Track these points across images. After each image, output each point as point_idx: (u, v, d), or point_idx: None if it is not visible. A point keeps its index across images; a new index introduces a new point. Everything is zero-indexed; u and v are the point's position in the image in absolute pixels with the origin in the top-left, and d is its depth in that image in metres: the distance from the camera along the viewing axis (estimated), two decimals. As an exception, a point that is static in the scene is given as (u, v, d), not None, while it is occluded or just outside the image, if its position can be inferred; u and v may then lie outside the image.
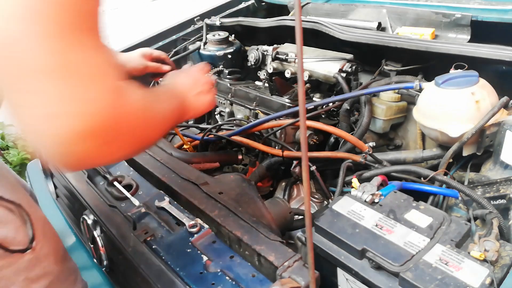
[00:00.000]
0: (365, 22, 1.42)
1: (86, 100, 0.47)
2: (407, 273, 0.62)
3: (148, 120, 0.62)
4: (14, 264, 0.74)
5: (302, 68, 0.41)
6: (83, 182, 1.03)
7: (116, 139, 0.52)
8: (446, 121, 0.94)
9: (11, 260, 0.74)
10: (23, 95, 0.46)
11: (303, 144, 0.44)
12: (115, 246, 0.87)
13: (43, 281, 0.79)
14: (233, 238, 0.77)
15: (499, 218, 0.74)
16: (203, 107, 0.91)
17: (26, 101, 0.46)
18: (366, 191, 0.78)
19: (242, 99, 1.42)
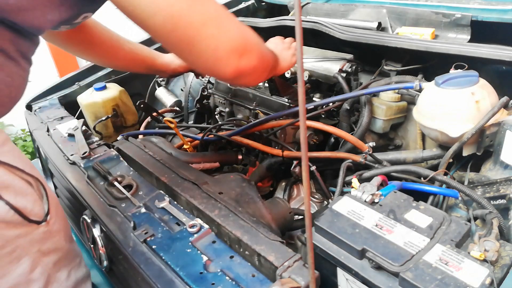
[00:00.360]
0: (365, 22, 1.42)
1: (230, 30, 0.78)
2: (407, 273, 0.61)
3: (263, 50, 0.89)
4: (30, 234, 0.79)
5: (302, 68, 0.42)
6: (83, 182, 1.03)
7: (254, 57, 0.81)
8: (446, 121, 0.94)
9: (28, 229, 0.78)
10: (195, 44, 0.75)
11: (303, 144, 0.45)
12: (115, 246, 0.87)
13: (53, 256, 0.84)
14: (233, 238, 0.77)
15: (499, 218, 0.74)
16: (289, 63, 1.13)
17: (199, 47, 0.75)
18: (366, 191, 0.78)
19: (242, 99, 1.42)
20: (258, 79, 0.94)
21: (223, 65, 0.79)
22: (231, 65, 0.79)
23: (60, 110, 1.47)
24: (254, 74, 0.87)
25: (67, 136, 1.25)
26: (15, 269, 0.78)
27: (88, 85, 1.69)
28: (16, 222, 0.75)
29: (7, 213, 0.74)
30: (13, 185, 0.75)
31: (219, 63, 0.78)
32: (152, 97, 1.89)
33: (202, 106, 1.67)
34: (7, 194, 0.74)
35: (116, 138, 1.41)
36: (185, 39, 0.75)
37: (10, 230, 0.75)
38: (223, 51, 0.77)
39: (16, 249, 0.77)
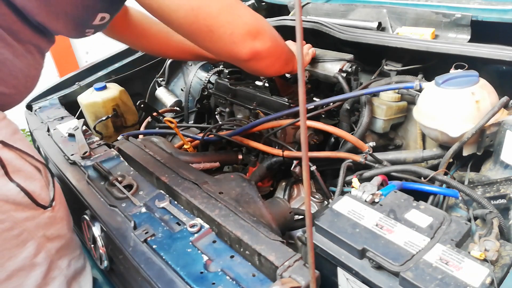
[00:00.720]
0: (365, 22, 1.42)
1: (245, 15, 0.89)
2: (407, 273, 0.61)
3: (276, 36, 0.99)
4: (37, 218, 0.83)
5: (303, 68, 0.42)
6: (84, 182, 1.03)
7: (262, 36, 0.91)
8: (446, 121, 0.94)
9: (35, 213, 0.82)
10: (214, 32, 0.86)
11: (304, 144, 0.44)
12: (116, 246, 0.87)
13: (56, 242, 0.88)
14: (234, 237, 0.77)
15: (499, 218, 0.74)
16: (304, 59, 1.26)
17: (218, 33, 0.86)
18: (366, 191, 0.78)
19: (242, 99, 1.42)
20: (274, 64, 1.02)
21: (240, 48, 0.89)
22: (247, 47, 0.90)
23: (60, 110, 1.47)
24: (270, 58, 0.97)
25: (68, 136, 1.25)
26: (21, 252, 0.81)
27: (88, 85, 1.69)
28: (25, 204, 0.79)
29: (18, 195, 0.77)
30: (23, 169, 0.79)
31: (235, 46, 0.89)
32: (152, 97, 1.89)
33: (202, 106, 1.67)
34: (18, 177, 0.78)
35: (116, 138, 1.41)
36: (204, 28, 0.85)
37: (19, 212, 0.79)
38: (238, 35, 0.88)
39: (23, 232, 0.80)
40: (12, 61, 0.81)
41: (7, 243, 0.79)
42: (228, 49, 0.90)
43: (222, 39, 0.87)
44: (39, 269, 0.85)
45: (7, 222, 0.77)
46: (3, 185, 0.76)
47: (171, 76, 1.96)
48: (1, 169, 0.75)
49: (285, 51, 1.05)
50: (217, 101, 1.55)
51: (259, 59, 0.94)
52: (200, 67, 1.79)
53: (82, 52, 4.33)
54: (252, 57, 0.92)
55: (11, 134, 0.79)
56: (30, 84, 0.89)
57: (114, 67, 1.79)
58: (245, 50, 0.90)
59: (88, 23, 0.90)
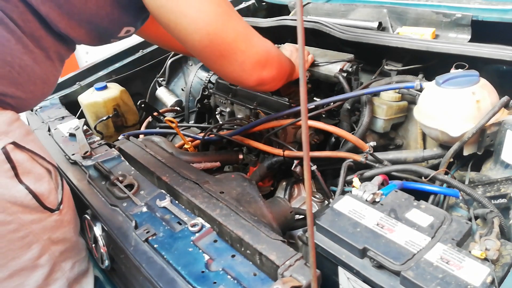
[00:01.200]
0: (365, 22, 1.43)
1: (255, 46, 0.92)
2: (408, 272, 0.62)
3: (282, 60, 1.04)
4: (43, 221, 0.83)
5: (304, 68, 0.42)
6: (85, 181, 1.03)
7: (274, 68, 0.97)
8: (447, 120, 0.94)
9: (42, 216, 0.82)
10: (226, 57, 0.89)
11: (305, 143, 0.45)
12: (117, 245, 0.87)
13: (61, 245, 0.88)
14: (235, 237, 0.77)
15: (500, 217, 0.74)
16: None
17: (229, 60, 0.89)
18: (367, 190, 0.78)
19: (242, 98, 1.42)
20: (277, 85, 1.07)
21: (248, 76, 0.93)
22: (254, 75, 0.94)
23: (61, 110, 1.47)
24: (274, 82, 1.01)
25: (68, 136, 1.25)
26: (25, 254, 0.82)
27: (88, 85, 1.69)
28: (32, 207, 0.79)
29: (26, 197, 0.78)
30: (34, 171, 0.80)
31: (244, 73, 0.93)
32: (153, 97, 1.89)
33: (203, 106, 1.67)
34: (28, 179, 0.78)
35: (117, 138, 1.41)
36: (217, 53, 0.87)
37: (26, 215, 0.79)
38: (249, 64, 0.91)
39: (28, 235, 0.81)
40: (32, 67, 0.81)
41: (11, 245, 0.79)
42: (236, 75, 0.94)
43: (232, 65, 0.90)
44: (41, 271, 0.85)
45: (14, 224, 0.78)
46: (12, 186, 0.76)
47: (172, 76, 1.96)
48: (11, 171, 0.76)
49: (288, 71, 1.09)
50: (217, 101, 1.55)
51: (265, 84, 0.98)
52: (201, 67, 1.79)
53: (82, 52, 4.34)
54: (258, 84, 0.96)
55: (24, 135, 0.80)
56: (47, 91, 0.90)
57: (115, 67, 1.79)
58: (252, 78, 0.94)
59: (113, 35, 0.92)
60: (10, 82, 0.78)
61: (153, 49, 1.89)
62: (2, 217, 0.76)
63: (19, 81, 0.80)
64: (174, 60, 1.86)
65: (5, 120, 0.77)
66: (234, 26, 0.87)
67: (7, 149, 0.75)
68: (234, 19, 0.88)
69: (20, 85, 0.81)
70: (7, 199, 0.75)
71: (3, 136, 0.75)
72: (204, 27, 0.83)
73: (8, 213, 0.76)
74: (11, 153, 0.75)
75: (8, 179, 0.75)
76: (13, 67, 0.78)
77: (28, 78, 0.81)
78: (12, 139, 0.76)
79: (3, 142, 0.75)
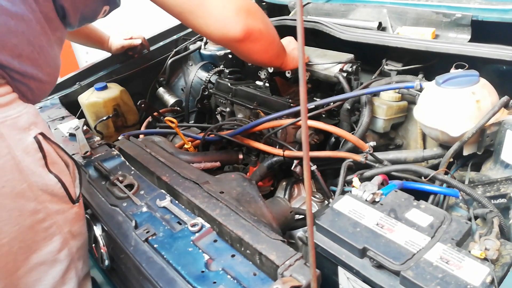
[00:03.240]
0: (365, 22, 1.42)
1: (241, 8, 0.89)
2: (408, 272, 0.62)
3: (272, 28, 1.01)
4: (66, 212, 0.84)
5: (304, 67, 0.42)
6: (85, 181, 1.03)
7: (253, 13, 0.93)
8: (447, 120, 0.94)
9: (65, 207, 0.84)
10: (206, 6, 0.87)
11: (305, 143, 0.45)
12: (117, 245, 0.87)
13: (78, 240, 0.89)
14: (234, 237, 0.77)
15: (499, 217, 0.75)
16: (293, 60, 1.25)
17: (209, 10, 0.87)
18: (367, 190, 0.78)
19: (242, 98, 1.42)
20: (267, 50, 1.03)
21: (232, 23, 0.89)
22: (240, 22, 0.89)
23: (61, 110, 1.47)
24: (263, 41, 0.97)
25: (68, 136, 1.25)
26: (47, 246, 0.82)
27: (89, 84, 1.69)
28: (60, 196, 0.81)
29: (55, 186, 0.80)
30: (57, 162, 0.82)
31: (228, 21, 0.88)
32: (153, 97, 1.89)
33: (203, 106, 1.67)
34: (54, 169, 0.80)
35: (117, 138, 1.41)
36: (196, 2, 0.85)
37: (52, 204, 0.80)
38: (230, 10, 0.87)
39: (52, 225, 0.82)
40: (47, 49, 0.84)
41: (36, 236, 0.80)
42: (220, 25, 0.89)
43: (213, 14, 0.87)
44: (59, 266, 0.86)
45: (42, 213, 0.79)
46: (44, 175, 0.78)
47: (172, 76, 1.96)
48: (42, 160, 0.77)
49: (277, 40, 1.06)
50: (217, 101, 1.55)
51: (253, 40, 0.93)
52: (201, 67, 1.80)
53: (82, 52, 4.34)
54: (245, 36, 0.91)
55: (48, 128, 0.82)
56: (57, 75, 0.92)
57: (115, 67, 1.79)
58: (238, 26, 0.90)
59: (95, 17, 0.95)
60: (33, 63, 0.80)
61: (153, 49, 1.89)
62: (33, 205, 0.77)
63: (39, 62, 0.82)
64: (174, 60, 1.86)
65: (33, 112, 0.79)
66: None
67: (38, 138, 0.77)
68: None
69: (40, 66, 0.82)
70: (40, 187, 0.77)
71: (33, 126, 0.77)
72: None
73: (38, 201, 0.78)
74: (42, 142, 0.77)
75: (41, 168, 0.77)
76: (34, 47, 0.80)
77: (45, 59, 0.84)
78: (40, 129, 0.78)
79: (35, 131, 0.77)
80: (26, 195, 0.75)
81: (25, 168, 0.74)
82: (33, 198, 0.77)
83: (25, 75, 0.79)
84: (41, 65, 0.82)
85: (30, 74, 0.80)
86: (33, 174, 0.76)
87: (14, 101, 0.76)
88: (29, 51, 0.78)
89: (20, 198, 0.75)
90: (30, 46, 0.79)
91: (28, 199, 0.76)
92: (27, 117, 0.76)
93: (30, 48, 0.79)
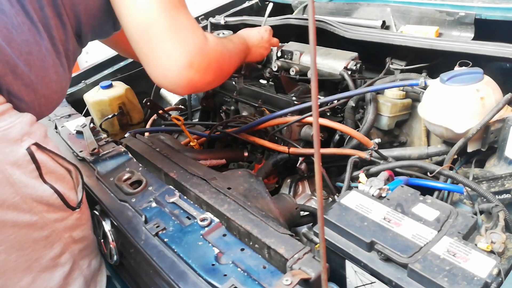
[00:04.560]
0: (369, 21, 1.44)
1: (189, 44, 0.81)
2: (415, 264, 0.63)
3: (225, 56, 0.93)
4: (65, 219, 0.84)
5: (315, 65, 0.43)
6: (93, 178, 1.05)
7: (208, 69, 0.84)
8: (451, 117, 0.95)
9: (64, 215, 0.83)
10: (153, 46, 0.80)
11: (316, 138, 0.45)
12: (126, 240, 0.88)
13: (80, 244, 0.89)
14: (243, 231, 0.78)
15: (505, 211, 0.76)
16: (258, 58, 1.29)
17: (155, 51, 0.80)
18: (373, 186, 0.79)
19: (247, 97, 1.43)
20: (222, 74, 0.96)
21: (174, 78, 0.81)
22: (183, 80, 0.82)
23: (67, 108, 1.48)
24: (213, 84, 0.91)
25: (75, 133, 1.26)
26: (47, 254, 0.82)
27: (94, 83, 1.71)
28: (56, 205, 0.81)
29: (51, 197, 0.79)
30: (55, 171, 0.81)
31: (170, 74, 0.81)
32: (157, 95, 1.90)
33: (207, 104, 1.68)
34: (51, 179, 0.79)
35: (122, 136, 1.42)
36: (148, 40, 0.80)
37: (50, 214, 0.80)
38: (176, 63, 0.80)
39: (51, 234, 0.82)
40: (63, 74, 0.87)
41: (36, 245, 0.80)
42: (161, 75, 0.82)
43: (157, 58, 0.81)
44: (62, 270, 0.86)
45: (39, 223, 0.79)
46: (38, 186, 0.77)
47: (176, 75, 1.96)
48: (36, 171, 0.76)
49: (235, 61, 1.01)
50: (222, 99, 1.56)
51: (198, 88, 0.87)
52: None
53: (82, 52, 4.33)
54: (188, 90, 0.86)
55: (43, 137, 0.80)
56: (61, 101, 0.93)
57: (120, 66, 1.80)
58: (180, 83, 0.82)
59: (117, 24, 0.92)
60: (26, 83, 0.80)
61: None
62: (28, 217, 0.77)
63: (35, 85, 0.82)
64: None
65: (27, 121, 0.77)
66: (174, 15, 0.80)
67: (31, 149, 0.75)
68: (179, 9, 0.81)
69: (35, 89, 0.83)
70: (34, 198, 0.76)
71: (26, 137, 0.75)
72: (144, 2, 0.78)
73: (33, 213, 0.77)
74: (35, 153, 0.76)
75: (34, 179, 0.76)
76: None
77: (43, 80, 0.84)
78: (34, 139, 0.77)
79: (27, 142, 0.75)
80: (19, 207, 0.75)
81: (16, 181, 0.73)
82: (28, 210, 0.76)
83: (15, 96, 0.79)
84: (37, 88, 0.82)
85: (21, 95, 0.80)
86: (26, 187, 0.75)
87: (6, 112, 0.75)
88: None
89: (13, 211, 0.74)
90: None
91: (22, 211, 0.76)
92: (20, 127, 0.75)
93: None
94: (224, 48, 0.94)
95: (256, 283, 0.69)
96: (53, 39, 0.83)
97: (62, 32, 0.85)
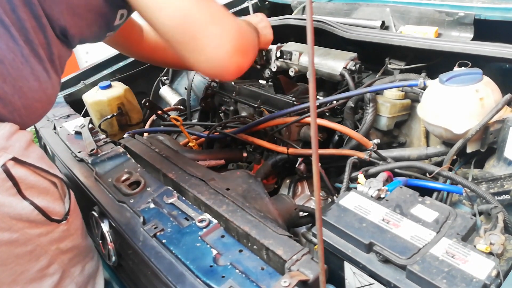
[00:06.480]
0: (368, 21, 1.44)
1: (230, 30, 0.80)
2: (414, 266, 0.63)
3: (253, 34, 0.99)
4: (50, 233, 0.81)
5: (313, 66, 0.42)
6: (91, 178, 1.04)
7: (249, 49, 0.87)
8: (451, 118, 0.95)
9: (49, 228, 0.80)
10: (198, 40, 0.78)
11: (314, 139, 0.45)
12: (124, 241, 0.88)
13: (70, 253, 0.87)
14: (241, 232, 0.78)
15: (504, 213, 0.76)
16: (268, 36, 1.26)
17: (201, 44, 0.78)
18: (372, 187, 0.79)
19: (246, 97, 1.43)
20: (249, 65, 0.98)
21: (225, 65, 0.82)
22: (233, 64, 0.82)
23: (66, 108, 1.48)
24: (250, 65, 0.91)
25: (74, 134, 1.26)
26: (33, 267, 0.80)
27: (93, 83, 1.70)
28: (39, 221, 0.77)
29: (32, 213, 0.76)
30: (37, 185, 0.77)
31: (220, 63, 0.82)
32: (156, 96, 1.90)
33: (206, 105, 1.68)
34: (31, 194, 0.76)
35: (121, 137, 1.42)
36: (190, 34, 0.78)
37: (32, 229, 0.77)
38: (224, 51, 0.81)
39: (36, 248, 0.79)
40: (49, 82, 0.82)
41: (20, 259, 0.77)
42: (211, 65, 0.82)
43: (205, 51, 0.80)
44: (51, 279, 0.84)
45: (21, 239, 0.76)
46: (16, 204, 0.73)
47: (175, 75, 1.97)
48: (14, 188, 0.73)
49: (257, 44, 1.03)
50: (221, 99, 1.56)
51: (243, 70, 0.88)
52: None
53: (82, 52, 4.34)
54: (237, 73, 0.86)
55: (24, 149, 0.76)
56: (49, 109, 0.89)
57: (119, 66, 1.80)
58: (231, 68, 0.83)
59: (111, 24, 0.90)
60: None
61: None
62: (7, 235, 0.74)
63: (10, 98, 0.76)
64: (177, 58, 1.87)
65: (3, 135, 0.72)
66: (209, 5, 0.80)
67: (7, 166, 0.71)
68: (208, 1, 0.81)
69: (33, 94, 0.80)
70: (12, 217, 0.73)
71: (2, 153, 0.71)
72: (176, 1, 0.77)
73: (13, 230, 0.74)
74: (12, 169, 0.72)
75: (11, 197, 0.73)
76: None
77: (42, 89, 0.81)
78: (12, 154, 0.72)
79: (3, 159, 0.71)
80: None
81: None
82: (7, 228, 0.73)
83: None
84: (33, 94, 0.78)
85: None
86: (2, 206, 0.71)
87: None
88: None
89: None
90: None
91: (1, 230, 0.73)
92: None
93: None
94: (248, 26, 0.99)
95: (254, 285, 0.69)
96: (31, 43, 0.76)
97: (41, 35, 0.78)
